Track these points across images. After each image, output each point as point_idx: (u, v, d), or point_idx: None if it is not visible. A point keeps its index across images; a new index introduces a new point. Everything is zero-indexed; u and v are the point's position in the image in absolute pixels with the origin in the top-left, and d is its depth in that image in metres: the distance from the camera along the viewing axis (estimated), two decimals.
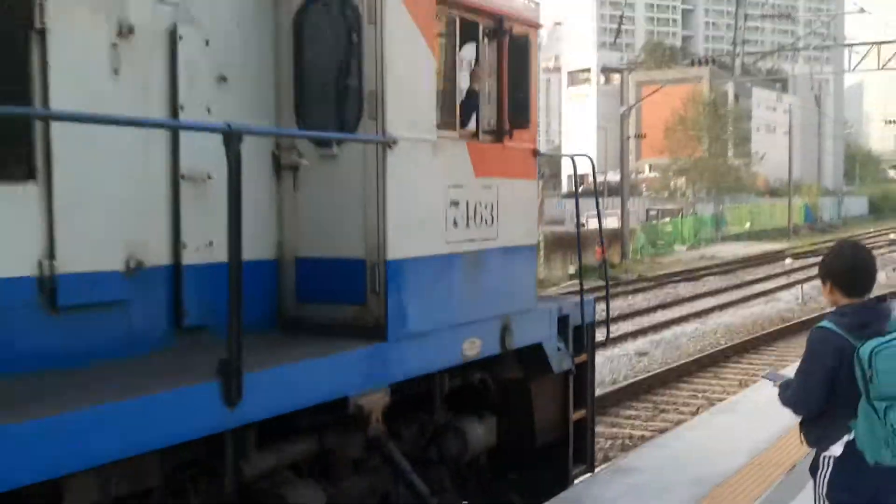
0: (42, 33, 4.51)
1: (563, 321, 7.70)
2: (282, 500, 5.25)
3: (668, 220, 52.18)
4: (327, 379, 5.28)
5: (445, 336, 6.22)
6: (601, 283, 7.80)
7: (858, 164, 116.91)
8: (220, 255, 4.85)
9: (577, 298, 8.01)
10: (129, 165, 4.95)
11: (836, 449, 4.23)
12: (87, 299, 4.63)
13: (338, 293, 5.77)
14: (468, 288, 6.50)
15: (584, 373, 8.14)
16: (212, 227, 5.21)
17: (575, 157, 8.41)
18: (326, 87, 5.90)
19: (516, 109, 7.07)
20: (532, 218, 7.52)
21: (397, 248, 5.76)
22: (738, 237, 55.11)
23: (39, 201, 4.48)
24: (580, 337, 7.97)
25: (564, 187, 71.47)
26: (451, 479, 6.79)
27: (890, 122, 73.11)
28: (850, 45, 43.41)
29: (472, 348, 6.48)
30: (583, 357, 8.02)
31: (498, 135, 6.96)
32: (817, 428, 4.33)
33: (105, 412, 3.96)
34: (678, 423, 11.17)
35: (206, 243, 5.33)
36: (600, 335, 8.59)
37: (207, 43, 5.47)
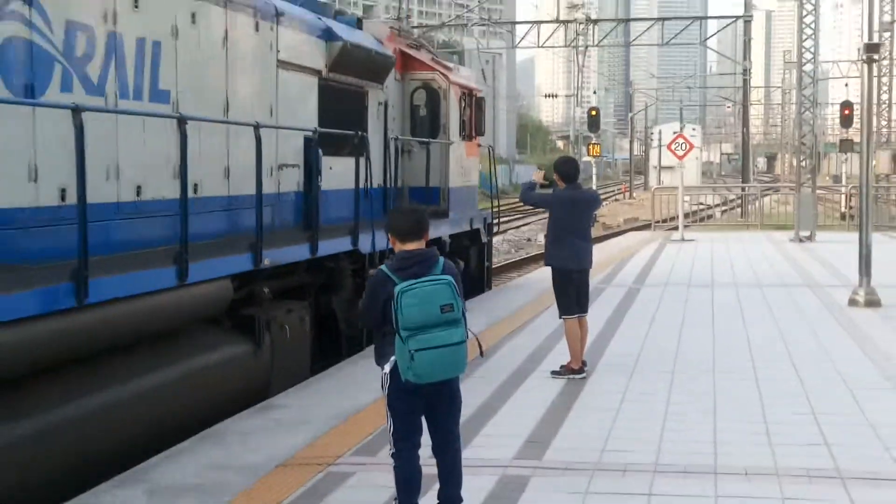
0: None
1: (484, 220, 16.27)
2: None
3: None
4: (440, 229, 13.39)
5: (460, 220, 14.79)
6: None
7: (529, 134, 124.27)
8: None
9: (489, 211, 16.38)
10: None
11: (387, 367, 5.08)
12: None
13: (427, 201, 12.96)
14: (464, 201, 15.11)
15: (490, 245, 17.23)
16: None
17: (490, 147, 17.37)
18: (426, 121, 14.02)
19: (476, 128, 15.82)
20: (477, 173, 16.83)
21: (451, 182, 14.19)
22: None
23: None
24: (489, 228, 16.59)
25: None
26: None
27: (548, 95, 79.29)
28: (513, 23, 46.32)
29: (465, 226, 15.11)
30: (487, 239, 16.70)
31: (469, 138, 15.58)
32: (378, 350, 5.21)
33: None
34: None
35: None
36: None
37: (386, 107, 12.88)
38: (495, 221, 16.71)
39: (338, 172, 10.89)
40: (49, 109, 6.53)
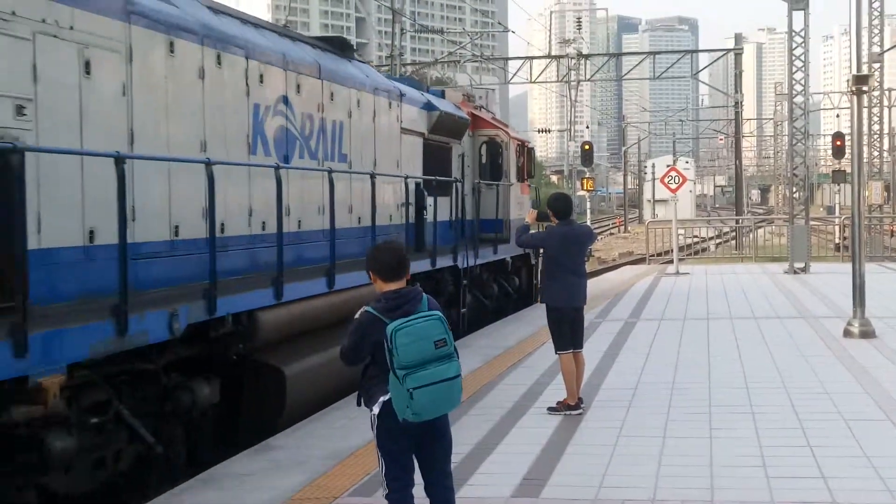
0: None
1: None
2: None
3: None
4: (505, 252, 17.66)
5: (514, 244, 13.77)
6: None
7: None
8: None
9: None
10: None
11: (376, 408, 5.07)
12: None
13: (492, 229, 16.91)
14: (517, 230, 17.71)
15: (538, 265, 19.43)
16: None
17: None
18: (487, 167, 17.83)
19: (527, 172, 19.98)
20: (528, 207, 18.82)
21: (511, 215, 17.81)
22: None
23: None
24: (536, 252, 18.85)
25: None
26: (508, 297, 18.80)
27: (542, 130, 79.81)
28: (506, 59, 46.64)
29: (520, 251, 17.30)
30: (535, 261, 19.78)
31: (522, 179, 19.54)
32: (365, 391, 5.19)
33: None
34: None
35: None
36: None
37: (463, 157, 16.93)
38: None
39: (435, 207, 14.41)
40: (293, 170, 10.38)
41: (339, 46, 12.71)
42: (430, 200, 13.97)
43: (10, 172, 5.85)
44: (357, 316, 5.15)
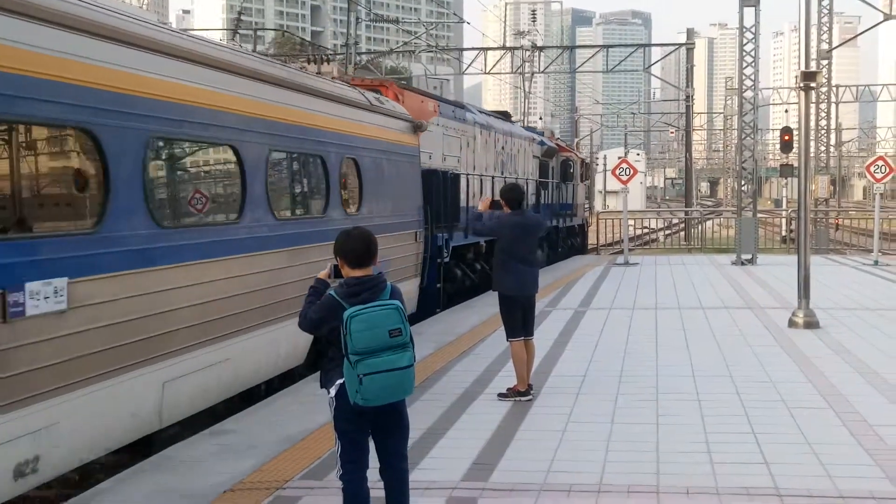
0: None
1: (584, 218, 37.01)
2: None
3: None
4: (573, 222, 35.51)
5: (579, 218, 35.20)
6: None
7: None
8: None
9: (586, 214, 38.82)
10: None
11: (333, 391, 5.16)
12: None
13: (568, 209, 32.00)
14: (580, 210, 34.85)
15: (587, 230, 36.95)
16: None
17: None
18: (563, 173, 31.52)
19: (585, 175, 36.77)
20: (584, 197, 37.36)
21: (577, 201, 34.00)
22: None
23: None
24: (586, 221, 36.88)
25: None
26: None
27: None
28: (461, 50, 46.70)
29: (579, 221, 35.47)
30: (587, 228, 37.68)
31: (582, 180, 34.78)
32: (325, 373, 5.29)
33: None
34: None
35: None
36: None
37: (553, 168, 30.33)
38: (587, 216, 36.59)
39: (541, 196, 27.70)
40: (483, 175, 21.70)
41: (507, 117, 26.54)
42: (540, 191, 27.04)
43: (458, 183, 18.06)
44: (323, 298, 5.27)
